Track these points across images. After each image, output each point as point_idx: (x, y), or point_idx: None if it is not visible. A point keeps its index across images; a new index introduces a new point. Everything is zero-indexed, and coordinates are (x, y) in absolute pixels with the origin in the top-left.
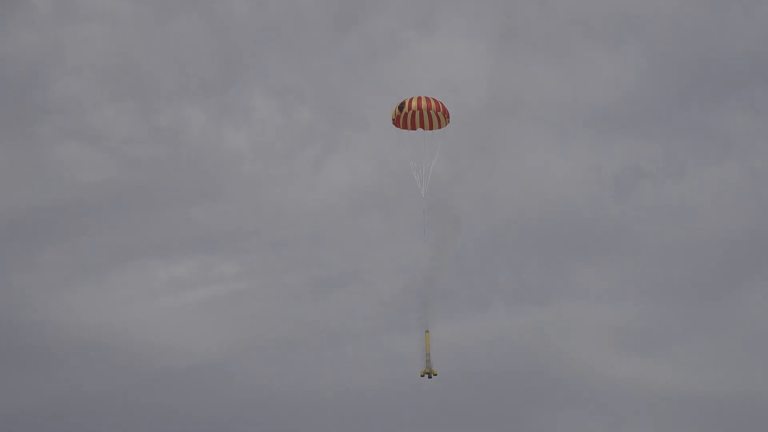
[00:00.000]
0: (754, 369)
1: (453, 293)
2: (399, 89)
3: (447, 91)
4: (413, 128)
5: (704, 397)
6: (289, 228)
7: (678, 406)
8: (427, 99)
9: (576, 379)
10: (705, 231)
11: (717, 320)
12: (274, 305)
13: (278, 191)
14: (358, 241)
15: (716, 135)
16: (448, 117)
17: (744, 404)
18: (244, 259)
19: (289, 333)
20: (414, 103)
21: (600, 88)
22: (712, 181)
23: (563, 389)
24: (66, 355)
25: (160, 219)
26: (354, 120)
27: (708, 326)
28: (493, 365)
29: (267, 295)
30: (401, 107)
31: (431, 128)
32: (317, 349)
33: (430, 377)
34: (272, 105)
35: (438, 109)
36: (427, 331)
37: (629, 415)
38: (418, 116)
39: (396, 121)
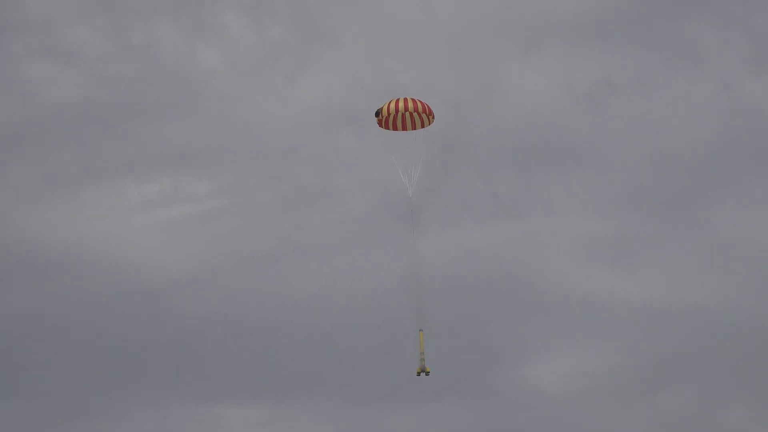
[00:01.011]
0: (723, 281)
1: (424, 209)
2: (372, 4)
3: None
4: (403, 129)
5: (673, 309)
6: (261, 145)
7: (647, 317)
8: (405, 100)
9: (547, 292)
10: (676, 143)
11: (687, 232)
12: (247, 222)
13: (250, 108)
14: (331, 157)
15: (687, 46)
16: (432, 115)
17: (713, 316)
18: (217, 177)
19: (263, 250)
20: (392, 106)
21: (570, 0)
22: (683, 93)
23: (534, 302)
24: (36, 273)
25: (132, 137)
26: (326, 36)
27: (678, 238)
28: (465, 279)
29: (240, 212)
30: (377, 114)
31: (414, 128)
32: (291, 266)
33: (427, 374)
34: (244, 21)
35: (416, 109)
36: (421, 330)
37: (599, 326)
38: (400, 118)
39: (379, 124)
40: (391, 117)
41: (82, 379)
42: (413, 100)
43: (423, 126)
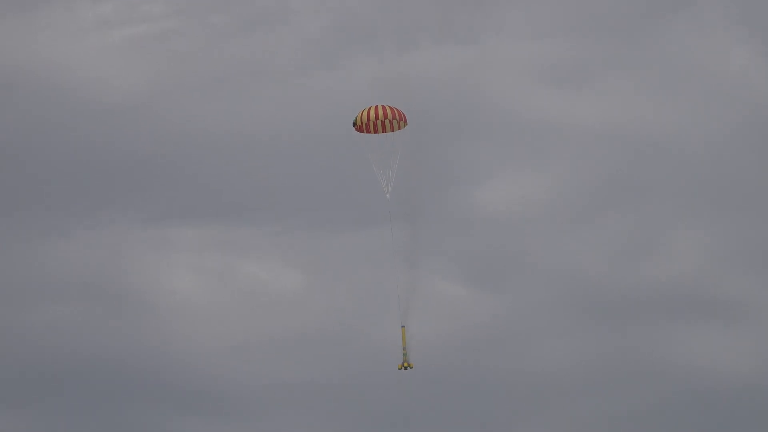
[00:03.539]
0: (674, 106)
1: (379, 30)
2: None
3: None
4: (376, 132)
5: (623, 134)
6: None
7: (597, 141)
8: (376, 108)
9: (498, 115)
10: None
11: (640, 57)
12: (202, 43)
13: None
14: None
15: None
16: (405, 120)
17: (662, 141)
18: None
19: (217, 71)
20: (365, 115)
21: None
22: None
23: (485, 125)
24: None
25: None
26: None
27: (631, 63)
28: (417, 102)
29: (194, 33)
30: (354, 123)
31: (388, 131)
32: (245, 88)
33: (412, 369)
34: None
35: (386, 117)
36: (402, 326)
37: (549, 150)
38: (372, 125)
39: (357, 130)
40: (364, 124)
41: (33, 198)
42: (383, 108)
43: (390, 130)
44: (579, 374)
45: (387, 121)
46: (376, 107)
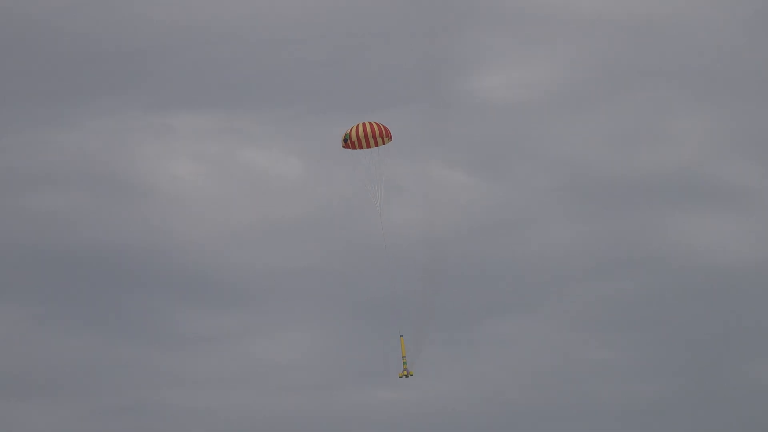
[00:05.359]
0: None
1: None
2: None
3: None
4: (362, 147)
5: (627, 20)
6: None
7: (601, 27)
8: (370, 125)
9: (502, 3)
10: None
11: None
12: None
13: None
14: None
15: None
16: (390, 135)
17: (665, 27)
18: None
19: None
20: (360, 131)
21: None
22: None
23: (488, 13)
24: None
25: None
26: None
27: None
28: None
29: None
30: (345, 139)
31: (373, 146)
32: None
33: (412, 376)
34: None
35: (377, 134)
36: (401, 336)
37: (554, 36)
38: (363, 141)
39: (349, 147)
40: (356, 141)
41: (35, 87)
42: (379, 125)
43: (376, 145)
44: (581, 261)
45: (374, 138)
46: (368, 124)
